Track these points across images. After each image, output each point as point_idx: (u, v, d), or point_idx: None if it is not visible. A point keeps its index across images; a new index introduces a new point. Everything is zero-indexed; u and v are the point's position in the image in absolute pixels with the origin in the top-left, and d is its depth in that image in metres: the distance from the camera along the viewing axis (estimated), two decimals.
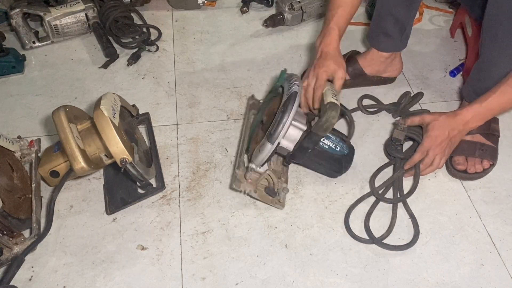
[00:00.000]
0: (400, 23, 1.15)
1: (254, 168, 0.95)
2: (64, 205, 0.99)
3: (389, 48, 1.21)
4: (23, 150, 1.03)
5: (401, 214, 1.00)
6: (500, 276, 0.91)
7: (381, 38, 1.19)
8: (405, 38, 1.20)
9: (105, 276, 0.89)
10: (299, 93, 0.92)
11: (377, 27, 1.18)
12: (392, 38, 1.18)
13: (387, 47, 1.21)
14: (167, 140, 1.14)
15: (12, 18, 1.31)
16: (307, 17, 1.49)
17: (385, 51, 1.21)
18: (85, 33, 1.42)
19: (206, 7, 1.56)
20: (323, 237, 0.96)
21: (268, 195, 0.97)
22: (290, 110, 0.90)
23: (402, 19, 1.15)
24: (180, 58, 1.37)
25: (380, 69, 1.25)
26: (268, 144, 0.91)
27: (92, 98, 1.23)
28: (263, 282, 0.89)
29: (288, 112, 0.89)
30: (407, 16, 1.15)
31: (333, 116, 0.90)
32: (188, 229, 0.96)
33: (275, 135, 0.90)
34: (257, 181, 0.96)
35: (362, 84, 1.27)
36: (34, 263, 0.90)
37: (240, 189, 0.95)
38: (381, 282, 0.89)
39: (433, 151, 1.00)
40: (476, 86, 1.06)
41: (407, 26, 1.18)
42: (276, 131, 0.89)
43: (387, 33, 1.17)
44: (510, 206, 1.02)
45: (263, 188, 0.97)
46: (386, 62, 1.23)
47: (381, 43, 1.20)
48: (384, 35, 1.17)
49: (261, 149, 0.92)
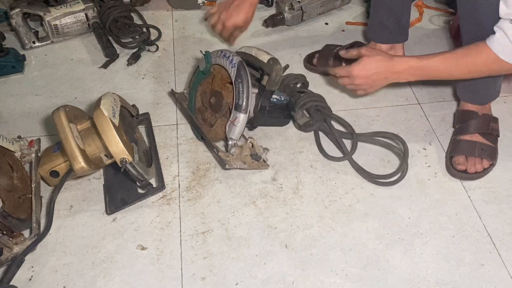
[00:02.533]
0: (395, 13, 1.16)
1: (235, 143, 1.00)
2: (64, 205, 0.99)
3: (387, 40, 1.22)
4: (23, 150, 1.03)
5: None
6: (500, 276, 0.91)
7: (377, 29, 1.20)
8: (402, 29, 1.20)
9: (105, 276, 0.89)
10: (244, 62, 1.00)
11: (374, 18, 1.20)
12: (389, 29, 1.19)
13: (384, 38, 1.21)
14: (167, 140, 1.14)
15: (12, 18, 1.31)
16: (307, 17, 1.49)
17: (383, 42, 1.21)
18: (85, 33, 1.42)
19: (206, 7, 1.56)
20: (323, 237, 0.96)
21: (256, 160, 1.02)
22: (247, 79, 0.98)
23: (397, 8, 1.15)
24: (180, 58, 1.37)
25: None
26: (241, 115, 0.98)
27: (92, 98, 1.23)
28: (263, 282, 0.89)
29: (246, 81, 0.98)
30: (402, 5, 1.16)
31: (279, 69, 1.00)
32: (188, 229, 0.96)
33: (244, 104, 0.97)
34: (241, 153, 1.01)
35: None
36: (34, 263, 0.90)
37: (233, 166, 0.99)
38: (381, 282, 0.89)
39: (348, 80, 1.03)
40: (466, 83, 1.07)
41: (403, 17, 1.18)
42: (244, 100, 0.97)
43: (383, 24, 1.18)
44: (510, 206, 1.02)
45: (248, 157, 1.02)
46: None
47: (379, 35, 1.21)
48: (381, 26, 1.18)
49: (235, 123, 0.99)
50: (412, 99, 1.26)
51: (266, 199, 1.02)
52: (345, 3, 1.57)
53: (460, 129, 1.10)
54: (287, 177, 1.06)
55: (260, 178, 1.06)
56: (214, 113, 1.06)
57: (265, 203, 1.01)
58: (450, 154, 1.09)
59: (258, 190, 1.03)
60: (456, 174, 1.06)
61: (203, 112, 1.09)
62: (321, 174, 1.07)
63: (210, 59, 1.05)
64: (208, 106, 1.07)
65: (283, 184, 1.05)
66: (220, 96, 1.04)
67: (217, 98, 1.05)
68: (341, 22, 1.52)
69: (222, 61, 1.02)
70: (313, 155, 1.11)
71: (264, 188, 1.04)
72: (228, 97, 1.03)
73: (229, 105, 1.03)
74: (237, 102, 0.98)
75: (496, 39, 0.86)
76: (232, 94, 1.01)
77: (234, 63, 0.99)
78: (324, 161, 1.10)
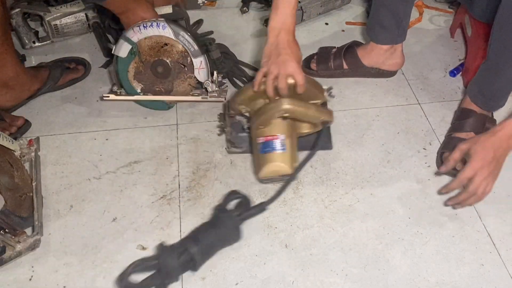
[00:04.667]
0: (396, 16, 1.16)
1: (208, 82, 1.12)
2: (64, 205, 0.99)
3: (386, 41, 1.22)
4: (22, 149, 1.04)
5: None
6: (500, 276, 0.91)
7: (377, 30, 1.20)
8: (402, 31, 1.21)
9: (105, 276, 0.89)
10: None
11: (374, 19, 1.19)
12: (389, 31, 1.19)
13: (384, 39, 1.21)
14: (167, 140, 1.14)
15: (12, 18, 1.31)
16: (307, 17, 1.49)
17: (382, 43, 1.21)
18: (85, 33, 1.42)
19: (206, 7, 1.55)
20: (323, 237, 0.96)
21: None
22: (184, 28, 1.09)
23: (399, 12, 1.15)
24: None
25: (378, 61, 1.25)
26: (201, 58, 1.09)
27: (92, 98, 1.23)
28: (263, 282, 0.89)
29: (185, 30, 1.08)
30: (404, 9, 1.16)
31: (184, 11, 1.15)
32: (188, 229, 0.96)
33: (197, 47, 1.08)
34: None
35: (360, 75, 1.29)
36: (34, 263, 0.90)
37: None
38: (381, 282, 0.89)
39: (479, 177, 0.88)
40: (483, 87, 1.06)
41: (404, 19, 1.18)
42: (195, 44, 1.08)
43: (383, 25, 1.18)
44: (510, 206, 1.02)
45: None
46: (385, 55, 1.24)
47: (378, 35, 1.21)
48: (381, 27, 1.18)
49: (201, 66, 1.10)
50: (412, 99, 1.26)
51: (266, 199, 1.02)
52: (345, 3, 1.57)
53: (456, 126, 1.10)
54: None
55: None
56: (164, 79, 1.13)
57: None
58: (442, 150, 1.09)
59: (258, 190, 1.03)
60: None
61: (151, 87, 1.14)
62: (321, 174, 1.07)
63: (132, 41, 1.08)
64: (155, 77, 1.13)
65: None
66: (163, 62, 1.10)
67: (162, 65, 1.11)
68: (341, 22, 1.52)
69: (149, 31, 1.06)
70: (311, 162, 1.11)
71: (264, 188, 1.04)
72: (171, 57, 1.10)
73: (178, 61, 1.11)
74: (192, 50, 1.07)
75: None
76: (176, 51, 1.09)
77: (164, 24, 1.05)
78: (324, 161, 1.10)
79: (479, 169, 0.88)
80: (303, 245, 0.94)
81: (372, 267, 0.91)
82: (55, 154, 1.09)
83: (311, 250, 0.94)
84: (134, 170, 1.06)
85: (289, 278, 0.89)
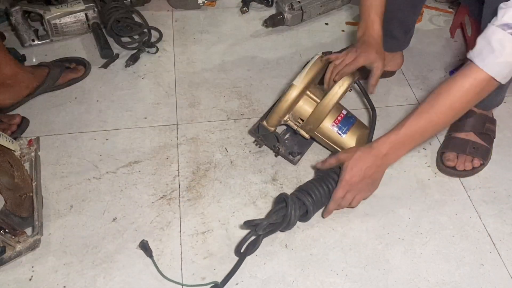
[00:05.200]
0: (405, 25, 1.17)
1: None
2: (64, 205, 0.99)
3: (394, 48, 1.24)
4: (22, 149, 1.03)
5: None
6: (500, 276, 0.91)
7: (386, 40, 1.19)
8: (408, 38, 1.23)
9: (105, 276, 0.89)
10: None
11: (385, 31, 1.19)
12: (397, 39, 1.20)
13: (392, 47, 1.22)
14: (167, 140, 1.13)
15: (12, 16, 1.31)
16: (307, 17, 1.49)
17: (390, 51, 1.22)
18: (85, 33, 1.42)
19: (206, 7, 1.56)
20: (323, 237, 0.96)
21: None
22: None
23: (407, 21, 1.16)
24: (180, 58, 1.37)
25: None
26: None
27: (92, 98, 1.23)
28: (263, 282, 0.89)
29: None
30: (412, 18, 1.18)
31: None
32: (188, 229, 0.96)
33: None
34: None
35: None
36: (34, 263, 0.90)
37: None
38: (381, 282, 0.89)
39: (350, 194, 0.93)
40: None
41: (412, 27, 1.19)
42: None
43: (393, 35, 1.18)
44: (510, 206, 1.02)
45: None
46: (387, 58, 1.24)
47: (387, 44, 1.20)
48: (390, 38, 1.18)
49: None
50: (412, 99, 1.26)
51: (266, 199, 1.02)
52: (345, 3, 1.57)
53: (456, 126, 1.10)
54: (287, 177, 1.06)
55: (260, 178, 1.06)
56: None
57: (265, 203, 1.01)
58: (441, 150, 1.10)
59: (258, 190, 1.03)
60: (445, 169, 1.06)
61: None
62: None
63: None
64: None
65: (283, 184, 1.05)
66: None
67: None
68: (341, 22, 1.53)
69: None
70: (312, 155, 1.11)
71: (264, 188, 1.04)
72: None
73: None
74: None
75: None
76: None
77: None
78: None
79: (348, 188, 0.92)
80: (303, 245, 0.94)
81: (372, 267, 0.91)
82: (55, 154, 1.09)
83: (311, 250, 0.94)
84: (134, 170, 1.06)
85: (289, 278, 0.89)
